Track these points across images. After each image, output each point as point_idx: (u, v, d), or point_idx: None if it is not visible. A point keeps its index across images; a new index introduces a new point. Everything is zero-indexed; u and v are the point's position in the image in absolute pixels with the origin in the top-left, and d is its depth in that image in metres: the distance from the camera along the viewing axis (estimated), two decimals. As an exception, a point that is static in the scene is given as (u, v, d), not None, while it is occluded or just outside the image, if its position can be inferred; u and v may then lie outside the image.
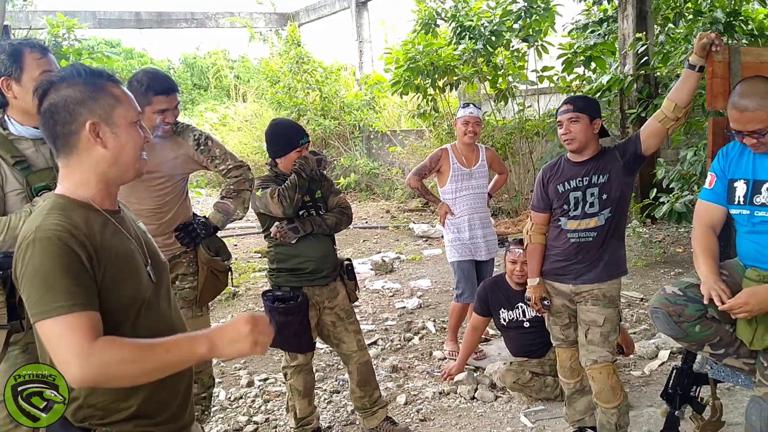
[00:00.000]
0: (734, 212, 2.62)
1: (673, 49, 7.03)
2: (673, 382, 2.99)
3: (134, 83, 2.99)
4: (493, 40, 8.61)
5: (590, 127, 3.02)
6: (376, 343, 5.09)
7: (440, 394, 4.12)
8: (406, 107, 12.29)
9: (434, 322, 5.49)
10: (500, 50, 8.95)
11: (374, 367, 3.90)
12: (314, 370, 3.83)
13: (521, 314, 4.06)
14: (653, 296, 2.71)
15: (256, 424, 3.91)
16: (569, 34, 8.83)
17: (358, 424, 3.77)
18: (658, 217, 6.16)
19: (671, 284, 2.70)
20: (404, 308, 5.94)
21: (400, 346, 5.02)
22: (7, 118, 2.48)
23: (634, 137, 3.04)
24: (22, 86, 2.41)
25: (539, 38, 8.60)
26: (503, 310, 4.12)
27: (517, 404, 3.92)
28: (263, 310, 3.45)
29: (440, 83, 9.21)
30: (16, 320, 2.30)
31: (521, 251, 3.87)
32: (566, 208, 3.11)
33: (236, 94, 17.71)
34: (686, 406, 2.99)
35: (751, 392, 2.58)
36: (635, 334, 4.83)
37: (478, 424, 3.74)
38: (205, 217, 3.33)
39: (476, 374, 4.31)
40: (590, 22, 8.77)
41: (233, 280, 3.69)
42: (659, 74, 7.65)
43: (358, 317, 3.95)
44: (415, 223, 9.79)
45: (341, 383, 4.32)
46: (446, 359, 4.65)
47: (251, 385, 4.45)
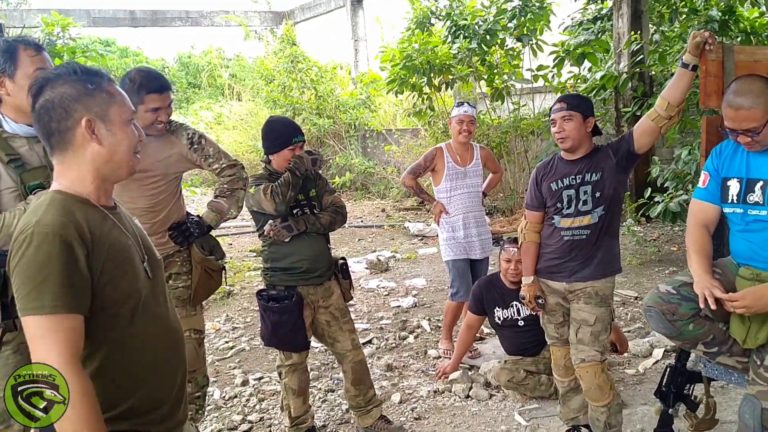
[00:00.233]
0: (728, 211, 2.62)
1: (668, 47, 7.04)
2: (666, 380, 3.00)
3: (127, 82, 2.98)
4: (487, 38, 8.61)
5: (583, 125, 3.03)
6: (371, 341, 5.09)
7: (435, 392, 4.12)
8: (401, 106, 12.28)
9: (429, 320, 5.49)
10: (495, 49, 8.95)
11: (369, 365, 3.90)
12: (309, 369, 3.82)
13: (516, 313, 4.06)
14: (647, 295, 2.72)
15: (250, 423, 3.90)
16: (565, 31, 8.83)
17: (352, 422, 3.77)
18: (652, 216, 6.17)
19: (665, 283, 2.70)
20: (399, 307, 5.94)
21: (395, 344, 5.02)
22: (0, 115, 2.47)
23: (627, 135, 3.04)
24: (16, 83, 2.40)
25: (534, 37, 8.61)
26: (498, 308, 4.12)
27: (511, 402, 3.93)
28: (258, 309, 3.46)
29: (436, 82, 9.21)
30: (9, 319, 2.30)
31: (515, 250, 3.87)
32: (560, 206, 3.11)
33: (231, 92, 17.67)
34: (680, 404, 3.01)
35: (744, 390, 2.59)
36: (629, 332, 4.83)
37: (472, 422, 3.74)
38: (198, 216, 3.32)
39: (471, 373, 4.32)
40: (585, 20, 8.76)
41: (227, 279, 3.68)
42: (654, 73, 7.67)
43: (353, 316, 3.95)
44: (410, 222, 9.79)
45: (336, 382, 4.32)
46: (441, 358, 4.65)
47: (246, 384, 4.45)
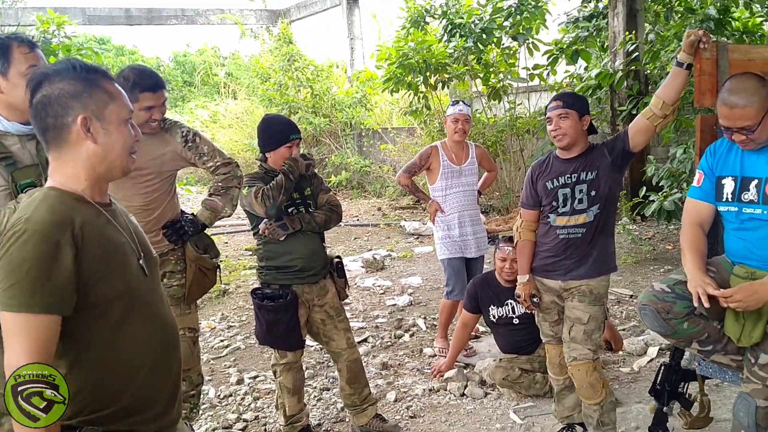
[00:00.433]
0: (722, 209, 2.62)
1: (662, 46, 7.04)
2: (661, 378, 3.00)
3: (121, 80, 2.96)
4: (483, 37, 8.61)
5: (579, 123, 3.03)
6: (366, 340, 5.09)
7: (430, 391, 4.12)
8: (397, 105, 12.28)
9: (425, 319, 5.49)
10: (491, 48, 8.95)
11: (364, 364, 3.90)
12: (304, 367, 3.82)
13: (511, 311, 4.06)
14: (642, 293, 2.72)
15: (245, 421, 3.89)
16: (560, 27, 8.82)
17: (347, 421, 3.76)
18: (647, 214, 6.18)
19: (660, 281, 2.70)
20: (395, 305, 5.94)
21: (390, 343, 5.02)
22: None
23: (622, 134, 3.05)
24: (9, 81, 2.38)
25: (530, 36, 8.60)
26: (493, 306, 4.12)
27: (506, 401, 3.93)
28: (253, 307, 3.45)
29: (432, 81, 9.21)
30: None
31: (511, 249, 3.87)
32: (555, 204, 3.11)
33: (227, 91, 17.65)
34: (674, 402, 3.01)
35: (738, 388, 2.60)
36: (624, 330, 4.84)
37: (467, 420, 3.74)
38: (193, 214, 3.31)
39: (466, 371, 4.32)
40: (580, 17, 8.76)
41: (222, 277, 3.68)
42: (649, 71, 7.67)
43: (348, 315, 3.95)
44: (406, 220, 9.79)
45: (331, 380, 4.32)
46: (436, 356, 4.65)
47: (241, 382, 4.44)
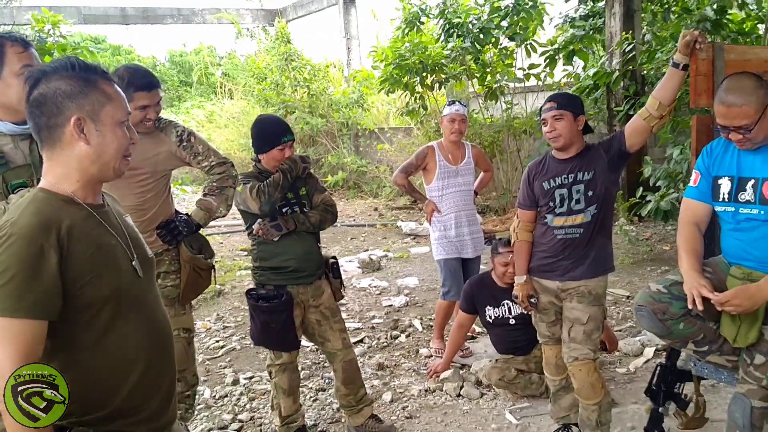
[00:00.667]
0: (719, 209, 2.62)
1: (659, 46, 7.05)
2: (657, 378, 3.00)
3: (115, 79, 2.95)
4: (481, 37, 8.61)
5: (574, 123, 3.02)
6: (362, 340, 5.08)
7: (426, 391, 4.11)
8: (394, 105, 12.27)
9: (421, 319, 5.48)
10: (488, 48, 8.95)
11: (360, 364, 3.89)
12: (300, 368, 3.81)
13: (507, 311, 4.06)
14: (638, 294, 2.72)
15: (241, 422, 3.88)
16: (557, 27, 8.83)
17: (343, 421, 3.75)
18: (644, 215, 6.19)
19: (656, 282, 2.70)
20: (391, 306, 5.93)
21: (386, 343, 5.01)
22: None
23: (618, 134, 3.04)
24: (2, 80, 2.36)
25: (527, 36, 8.61)
26: (489, 307, 4.12)
27: (502, 401, 3.92)
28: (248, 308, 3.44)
29: (429, 81, 9.21)
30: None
31: (512, 254, 3.87)
32: (552, 205, 3.11)
33: (223, 90, 17.63)
34: (670, 402, 3.01)
35: (734, 389, 2.59)
36: (621, 331, 4.84)
37: (463, 421, 3.74)
38: (187, 214, 3.30)
39: (462, 371, 4.31)
40: (577, 17, 8.77)
41: (217, 278, 3.66)
42: (646, 72, 7.68)
43: (344, 315, 3.94)
44: (402, 221, 9.78)
45: (327, 381, 4.31)
46: (432, 357, 4.64)
47: (236, 383, 4.43)
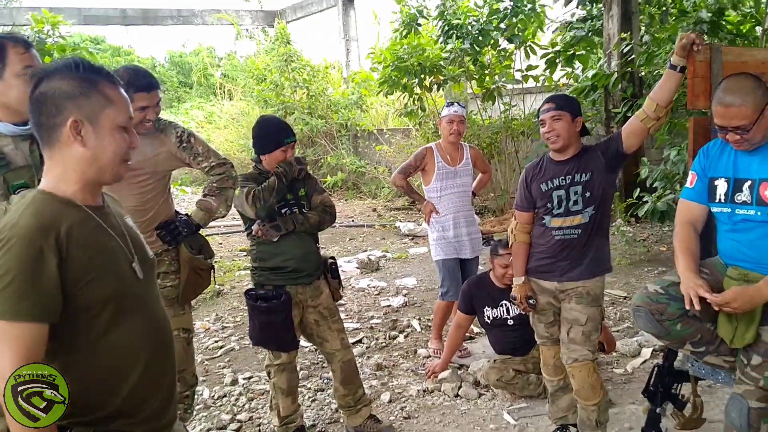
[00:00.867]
0: (715, 210, 2.64)
1: (657, 48, 7.06)
2: (654, 379, 3.01)
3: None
4: (480, 39, 8.62)
5: (572, 124, 3.03)
6: (361, 341, 5.09)
7: (424, 391, 4.12)
8: (393, 106, 12.28)
9: (419, 320, 5.49)
10: (487, 49, 8.97)
11: (359, 365, 3.89)
12: (298, 368, 3.82)
13: (505, 312, 4.07)
14: (635, 294, 2.73)
15: (239, 422, 3.89)
16: (555, 32, 8.85)
17: (342, 422, 3.76)
18: (641, 215, 6.21)
19: (653, 283, 2.71)
20: (390, 306, 5.94)
21: (385, 344, 5.02)
22: None
23: (615, 135, 3.06)
24: (4, 81, 2.37)
25: (525, 38, 8.62)
26: (487, 307, 4.13)
27: (500, 402, 3.93)
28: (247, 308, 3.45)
29: (427, 83, 9.22)
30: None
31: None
32: (550, 206, 3.12)
33: (222, 91, 17.64)
34: (667, 403, 3.02)
35: (731, 389, 2.60)
36: (618, 332, 4.85)
37: (461, 421, 3.75)
38: (187, 215, 3.31)
39: (460, 372, 4.32)
40: (574, 20, 8.79)
41: (216, 278, 3.67)
42: (644, 73, 7.69)
43: (343, 315, 3.95)
44: (401, 221, 9.80)
45: (325, 381, 4.32)
46: (431, 357, 4.65)
47: (235, 383, 4.44)
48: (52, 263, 1.52)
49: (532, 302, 3.25)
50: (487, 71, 9.01)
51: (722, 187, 2.59)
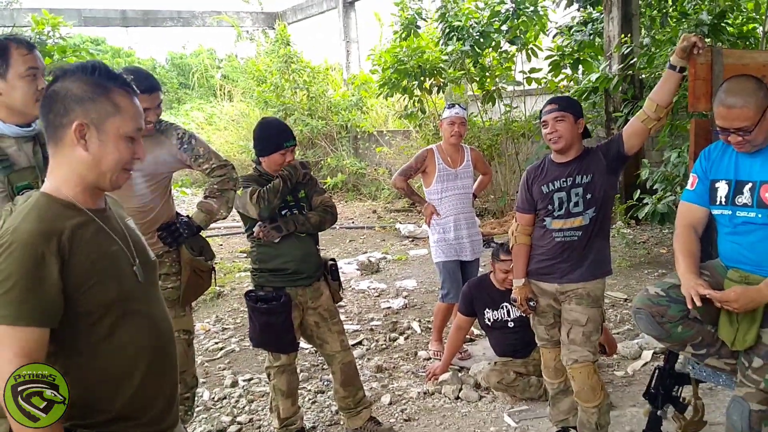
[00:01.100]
0: (716, 213, 2.63)
1: (657, 50, 7.07)
2: (655, 382, 3.00)
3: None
4: (481, 41, 8.63)
5: (575, 126, 3.04)
6: (361, 343, 5.08)
7: (425, 394, 4.12)
8: (393, 108, 12.29)
9: (419, 322, 5.49)
10: (488, 51, 8.97)
11: (359, 367, 3.89)
12: (298, 370, 3.82)
13: (506, 314, 4.06)
14: (636, 297, 2.73)
15: (239, 424, 3.89)
16: (555, 37, 8.86)
17: (342, 424, 3.76)
18: (641, 217, 6.20)
19: (654, 285, 2.71)
20: (390, 308, 5.94)
21: (385, 346, 5.02)
22: None
23: (616, 137, 3.06)
24: (7, 82, 2.38)
25: (527, 40, 8.62)
26: (488, 309, 4.12)
27: (501, 404, 3.93)
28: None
29: (427, 85, 9.22)
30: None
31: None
32: (551, 208, 3.12)
33: (222, 93, 17.65)
34: (668, 405, 3.01)
35: (732, 392, 2.60)
36: (619, 334, 4.85)
37: (462, 424, 3.74)
38: (188, 216, 3.31)
39: (461, 374, 4.32)
40: (575, 24, 8.80)
41: (217, 279, 3.67)
42: (645, 76, 7.69)
43: (343, 317, 3.94)
44: (401, 223, 9.79)
45: (325, 383, 4.31)
46: (431, 359, 4.65)
47: (235, 385, 4.43)
48: (53, 268, 1.51)
49: (532, 304, 3.25)
50: (487, 73, 9.01)
51: (723, 189, 2.59)
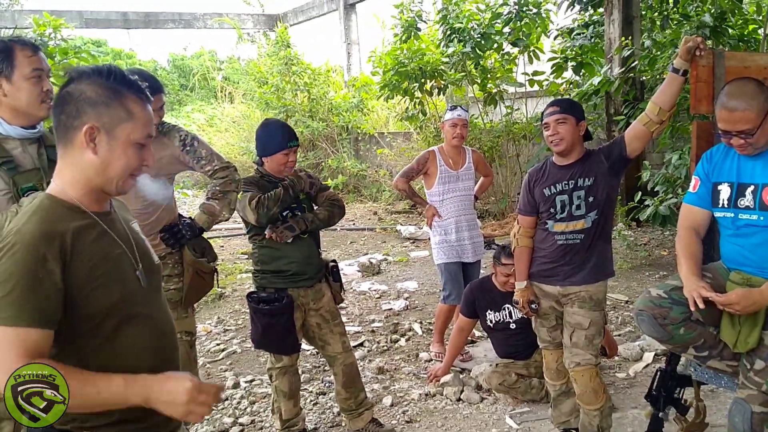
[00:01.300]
0: (718, 215, 2.64)
1: (659, 53, 7.08)
2: (657, 384, 3.00)
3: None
4: (482, 43, 8.64)
5: (576, 128, 3.04)
6: (362, 344, 5.08)
7: (426, 395, 4.12)
8: (394, 110, 12.30)
9: (421, 323, 5.49)
10: (490, 53, 8.98)
11: (360, 368, 3.89)
12: (300, 371, 3.82)
13: (507, 316, 4.07)
14: (638, 299, 2.73)
15: (241, 425, 3.89)
16: (555, 39, 8.87)
17: (344, 425, 3.76)
18: (642, 219, 6.21)
19: (656, 287, 2.71)
20: (391, 310, 5.94)
21: (386, 347, 5.02)
22: None
23: (618, 140, 3.06)
24: (12, 84, 2.38)
25: (530, 42, 8.63)
26: (490, 311, 4.13)
27: (502, 406, 3.93)
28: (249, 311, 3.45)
29: (428, 87, 9.23)
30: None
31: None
32: (553, 211, 3.12)
33: (223, 95, 17.66)
34: (670, 407, 3.01)
35: (734, 394, 2.60)
36: (620, 336, 4.85)
37: (464, 425, 3.74)
38: (190, 218, 3.31)
39: (462, 376, 4.32)
40: (576, 26, 8.81)
41: (219, 281, 3.67)
42: (646, 78, 7.70)
43: (344, 319, 3.94)
44: (402, 224, 9.80)
45: (327, 385, 4.32)
46: (432, 361, 4.66)
47: (237, 386, 4.43)
48: (55, 270, 1.51)
49: (534, 306, 3.25)
50: (489, 75, 9.02)
51: (725, 191, 2.60)
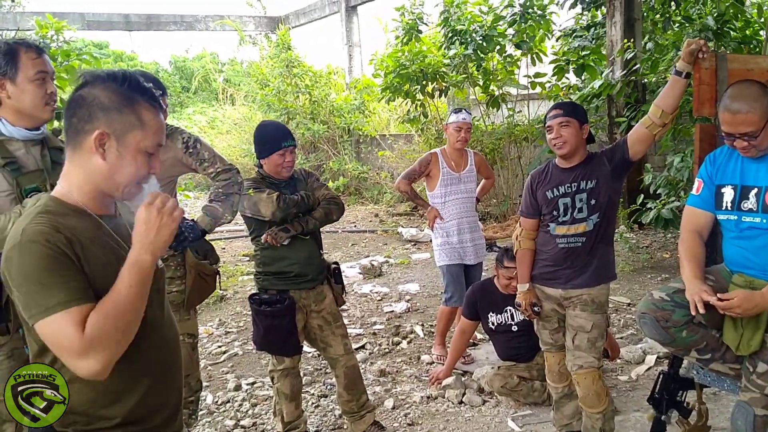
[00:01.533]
0: (722, 218, 2.64)
1: (661, 55, 7.08)
2: (659, 386, 3.00)
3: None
4: (484, 45, 8.64)
5: (579, 131, 3.04)
6: (364, 347, 5.08)
7: (428, 398, 4.12)
8: (395, 112, 12.31)
9: (422, 326, 5.49)
10: (492, 55, 8.98)
11: (362, 371, 3.89)
12: (302, 373, 3.82)
13: (509, 318, 4.06)
14: (640, 301, 2.73)
15: (243, 428, 3.89)
16: (557, 39, 8.87)
17: (345, 428, 3.76)
18: (645, 222, 6.20)
19: (658, 289, 2.71)
20: (392, 312, 5.94)
21: (388, 350, 5.02)
22: None
23: (621, 143, 3.06)
24: (16, 86, 2.39)
25: (534, 44, 8.63)
26: (492, 313, 4.12)
27: (504, 409, 3.93)
28: (250, 313, 3.45)
29: (429, 89, 9.23)
30: (2, 323, 2.28)
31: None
32: (555, 214, 3.12)
33: (225, 97, 17.68)
34: (673, 410, 3.00)
35: (736, 397, 2.60)
36: (622, 338, 4.84)
37: (466, 428, 3.74)
38: (193, 220, 3.31)
39: (464, 378, 4.32)
40: (577, 28, 8.81)
41: (221, 283, 3.68)
42: (648, 80, 7.70)
43: (346, 321, 3.93)
44: (403, 227, 9.80)
45: (329, 387, 4.31)
46: (434, 363, 4.65)
47: (239, 388, 4.43)
48: (72, 257, 1.51)
49: (536, 309, 3.25)
50: (491, 77, 9.03)
51: (729, 194, 2.60)
